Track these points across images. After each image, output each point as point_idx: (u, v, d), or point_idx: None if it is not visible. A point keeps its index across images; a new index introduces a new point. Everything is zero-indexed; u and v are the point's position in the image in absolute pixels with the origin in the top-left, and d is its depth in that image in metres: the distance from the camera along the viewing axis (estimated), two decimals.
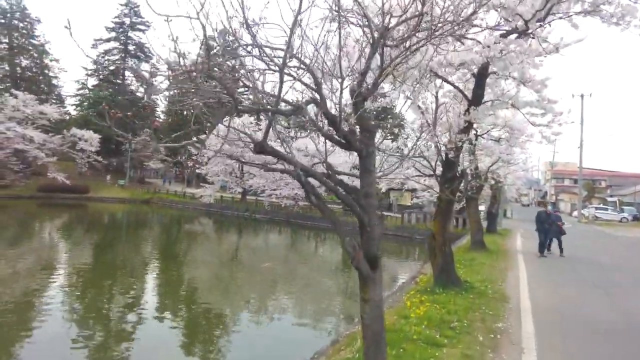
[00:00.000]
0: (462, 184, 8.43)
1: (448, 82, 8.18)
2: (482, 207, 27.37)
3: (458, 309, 6.70)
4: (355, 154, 3.64)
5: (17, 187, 45.77)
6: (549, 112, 7.20)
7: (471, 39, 6.77)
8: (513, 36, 6.87)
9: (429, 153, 8.90)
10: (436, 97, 9.00)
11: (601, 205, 48.38)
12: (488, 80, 8.11)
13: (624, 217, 42.05)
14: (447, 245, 8.45)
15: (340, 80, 3.09)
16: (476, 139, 13.89)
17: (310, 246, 27.13)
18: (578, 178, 47.40)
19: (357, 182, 3.91)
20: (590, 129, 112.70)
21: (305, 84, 3.09)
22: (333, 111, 3.34)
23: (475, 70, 7.91)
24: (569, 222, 40.45)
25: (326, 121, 3.40)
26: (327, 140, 3.65)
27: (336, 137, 3.44)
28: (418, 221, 29.93)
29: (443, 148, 8.51)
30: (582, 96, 44.14)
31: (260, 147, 2.96)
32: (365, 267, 3.47)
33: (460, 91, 8.13)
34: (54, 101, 60.01)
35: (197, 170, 43.40)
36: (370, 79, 3.63)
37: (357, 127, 3.69)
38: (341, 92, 3.12)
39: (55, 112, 51.95)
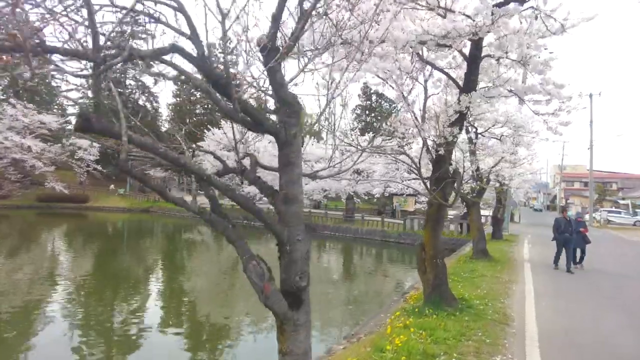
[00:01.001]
0: (454, 186, 7.23)
1: (435, 68, 7.04)
2: (487, 212, 26.04)
3: (448, 337, 5.50)
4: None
5: (16, 197, 45.25)
6: (555, 98, 6.03)
7: (453, 10, 5.66)
8: (511, 6, 5.75)
9: (415, 149, 7.73)
10: (425, 87, 7.88)
11: (613, 209, 46.61)
12: (483, 64, 6.96)
13: (638, 221, 40.33)
14: (440, 258, 7.25)
15: (220, 18, 1.98)
16: (476, 137, 12.73)
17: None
18: (588, 181, 45.78)
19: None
20: (599, 130, 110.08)
21: (156, 19, 1.97)
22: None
23: (467, 50, 6.79)
24: None
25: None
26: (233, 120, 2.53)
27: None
28: (421, 227, 28.62)
29: (431, 144, 7.36)
30: (590, 96, 42.65)
31: (84, 122, 1.86)
32: (282, 306, 2.33)
33: (450, 77, 6.98)
34: (55, 111, 59.79)
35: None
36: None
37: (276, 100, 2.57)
38: (224, 35, 2.00)
39: (55, 121, 51.87)
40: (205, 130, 39.89)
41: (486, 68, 6.86)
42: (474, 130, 12.51)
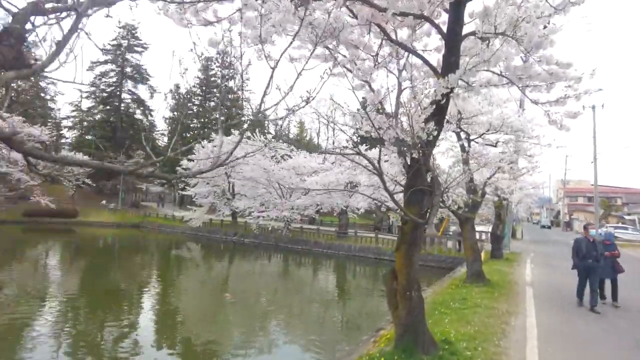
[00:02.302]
0: (433, 198, 5.71)
1: (406, 49, 5.61)
2: (485, 228, 24.43)
3: None
4: None
5: (0, 212, 43.93)
6: (559, 81, 4.56)
7: None
8: None
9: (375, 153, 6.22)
10: (398, 78, 6.45)
11: (620, 225, 44.82)
12: (467, 44, 5.53)
13: None
14: (415, 290, 5.71)
15: None
16: (469, 144, 11.28)
17: (297, 276, 24.26)
18: (593, 195, 44.14)
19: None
20: (603, 143, 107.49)
21: None
22: None
23: (445, 28, 5.36)
24: None
25: None
26: None
27: None
28: None
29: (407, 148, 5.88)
30: (593, 108, 41.32)
31: None
32: None
33: (424, 60, 5.53)
34: (49, 124, 59.13)
35: (186, 192, 41.10)
36: None
37: None
38: None
39: (46, 134, 50.74)
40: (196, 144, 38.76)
41: (470, 48, 5.41)
42: (466, 136, 11.08)
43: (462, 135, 11.00)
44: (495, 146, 10.78)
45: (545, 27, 4.81)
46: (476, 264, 11.29)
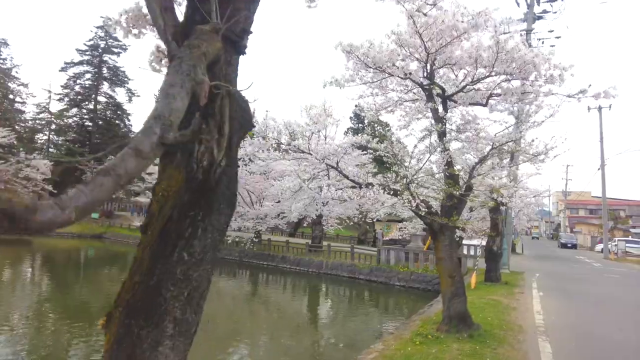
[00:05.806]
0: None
1: None
2: (475, 242, 20.16)
3: None
4: None
5: None
6: None
7: None
8: None
9: None
10: None
11: (630, 239, 40.56)
12: None
13: None
14: None
15: None
16: (445, 107, 7.07)
17: (246, 304, 19.87)
18: (597, 207, 40.07)
19: None
20: (608, 150, 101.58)
21: None
22: None
23: None
24: (594, 259, 32.69)
25: None
26: None
27: None
28: (399, 261, 22.65)
29: None
30: (599, 109, 37.57)
31: None
32: None
33: None
34: (18, 127, 55.43)
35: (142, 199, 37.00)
36: None
37: None
38: None
39: (3, 136, 46.65)
40: None
41: None
42: (440, 93, 6.89)
43: (435, 92, 6.80)
44: (486, 105, 6.55)
45: None
46: (457, 302, 6.89)
